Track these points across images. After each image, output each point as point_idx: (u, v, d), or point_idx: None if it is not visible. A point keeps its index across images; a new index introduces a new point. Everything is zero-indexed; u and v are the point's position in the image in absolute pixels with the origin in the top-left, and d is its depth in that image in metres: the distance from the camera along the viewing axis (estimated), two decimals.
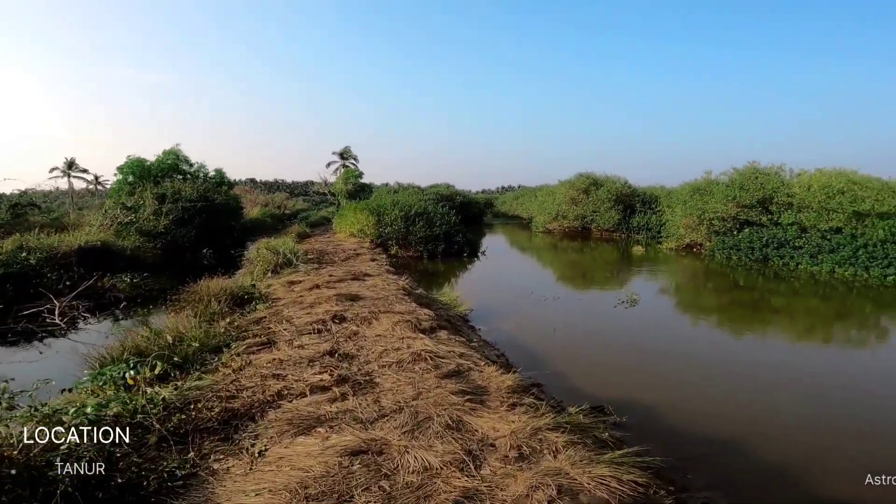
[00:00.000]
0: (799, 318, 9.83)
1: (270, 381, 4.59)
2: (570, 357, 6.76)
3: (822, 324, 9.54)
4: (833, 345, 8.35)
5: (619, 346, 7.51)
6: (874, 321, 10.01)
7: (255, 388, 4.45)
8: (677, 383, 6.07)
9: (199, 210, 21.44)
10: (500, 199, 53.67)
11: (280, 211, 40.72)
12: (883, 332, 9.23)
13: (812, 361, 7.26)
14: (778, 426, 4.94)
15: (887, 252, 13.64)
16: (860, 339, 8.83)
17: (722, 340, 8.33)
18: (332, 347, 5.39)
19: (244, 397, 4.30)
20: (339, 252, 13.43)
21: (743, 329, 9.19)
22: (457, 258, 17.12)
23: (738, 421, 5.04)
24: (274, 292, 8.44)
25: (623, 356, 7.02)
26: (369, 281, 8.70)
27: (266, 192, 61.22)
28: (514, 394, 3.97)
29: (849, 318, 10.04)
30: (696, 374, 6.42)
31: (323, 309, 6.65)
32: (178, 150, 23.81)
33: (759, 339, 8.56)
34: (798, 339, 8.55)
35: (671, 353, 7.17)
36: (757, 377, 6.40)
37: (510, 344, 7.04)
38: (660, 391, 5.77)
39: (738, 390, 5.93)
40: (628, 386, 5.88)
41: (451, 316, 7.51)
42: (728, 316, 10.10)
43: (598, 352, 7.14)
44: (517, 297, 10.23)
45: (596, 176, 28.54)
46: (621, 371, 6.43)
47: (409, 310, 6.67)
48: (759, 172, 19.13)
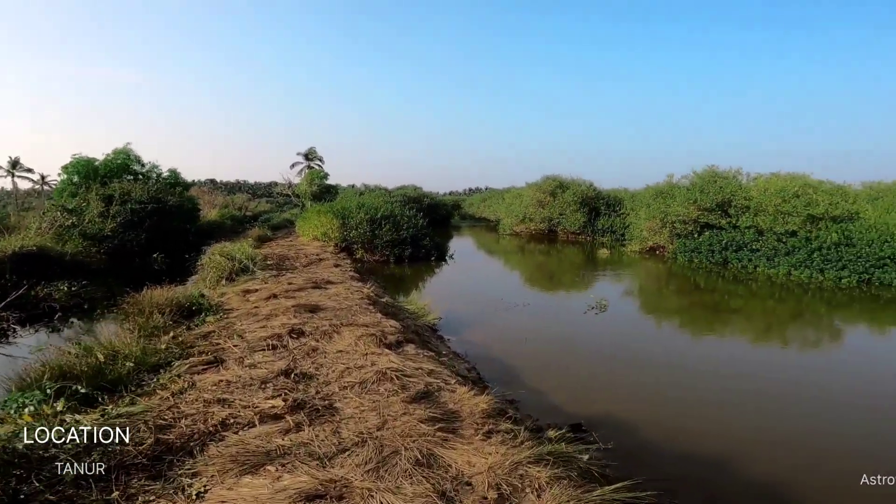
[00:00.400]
0: (756, 320, 10.00)
1: (215, 407, 4.07)
2: (542, 369, 6.50)
3: (778, 326, 9.72)
4: (794, 348, 8.48)
5: (591, 355, 7.33)
6: (843, 326, 10.31)
7: (196, 416, 3.92)
8: (651, 394, 5.91)
9: (149, 212, 20.30)
10: (467, 201, 53.69)
11: (241, 213, 39.13)
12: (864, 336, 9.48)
13: (775, 363, 7.30)
14: (760, 435, 4.81)
15: (841, 255, 14.19)
16: (830, 343, 9.02)
17: (688, 346, 8.31)
18: (287, 366, 4.89)
19: (182, 427, 3.77)
20: (301, 257, 12.77)
21: (707, 333, 9.24)
22: (424, 262, 16.73)
23: (715, 432, 4.89)
24: (227, 302, 7.81)
25: (595, 366, 6.84)
26: (332, 289, 8.17)
27: (227, 194, 59.02)
28: (489, 418, 3.62)
29: (809, 322, 10.29)
30: (668, 383, 6.29)
31: (279, 322, 6.11)
32: (129, 150, 22.64)
33: (722, 342, 8.60)
34: (756, 342, 8.65)
35: (642, 362, 7.04)
36: (728, 384, 6.33)
37: (481, 356, 6.71)
38: (634, 403, 5.59)
39: (712, 399, 5.83)
40: (603, 399, 5.67)
41: (418, 326, 7.12)
42: (691, 319, 10.18)
43: (570, 362, 6.92)
44: (486, 304, 9.95)
45: (562, 178, 28.82)
46: (595, 382, 6.22)
47: (374, 321, 6.23)
48: (717, 176, 19.68)
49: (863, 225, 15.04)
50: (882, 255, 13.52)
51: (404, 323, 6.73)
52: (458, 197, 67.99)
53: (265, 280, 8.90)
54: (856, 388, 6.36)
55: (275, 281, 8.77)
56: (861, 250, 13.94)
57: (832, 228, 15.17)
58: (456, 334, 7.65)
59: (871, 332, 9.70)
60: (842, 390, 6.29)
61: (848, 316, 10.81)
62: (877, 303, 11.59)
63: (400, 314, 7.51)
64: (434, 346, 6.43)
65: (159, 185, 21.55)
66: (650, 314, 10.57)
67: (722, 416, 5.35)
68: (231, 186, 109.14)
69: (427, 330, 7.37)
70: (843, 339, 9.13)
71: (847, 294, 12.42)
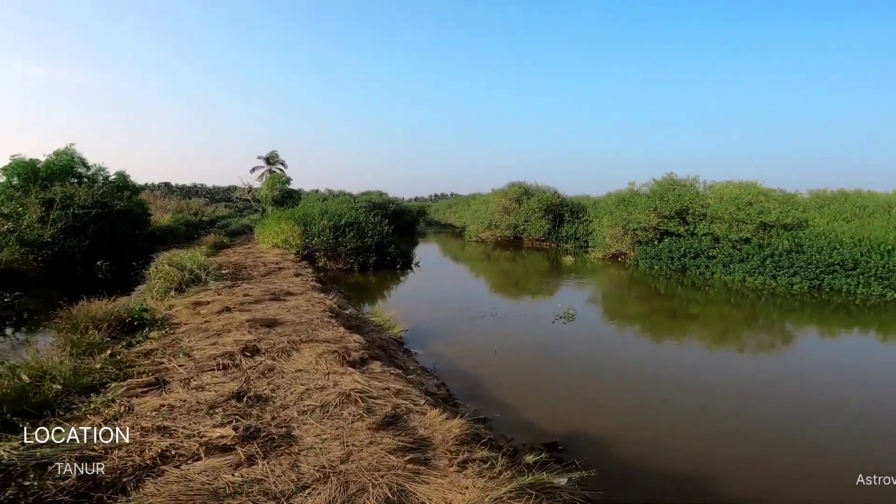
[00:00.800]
0: (713, 325, 10.24)
1: (153, 436, 3.61)
2: (513, 383, 6.30)
3: (734, 330, 9.98)
4: (760, 355, 8.67)
5: (561, 366, 7.18)
6: (797, 331, 10.68)
7: (131, 447, 3.47)
8: (623, 406, 5.82)
9: (93, 217, 19.08)
10: (433, 207, 53.47)
11: (196, 218, 37.28)
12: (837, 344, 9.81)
13: (738, 368, 7.41)
14: (735, 446, 4.76)
15: (792, 262, 14.82)
16: (788, 349, 9.29)
17: (655, 355, 8.31)
18: (240, 388, 4.45)
19: (115, 458, 3.31)
20: (260, 266, 12.12)
21: (670, 339, 9.35)
22: (390, 270, 16.34)
23: (691, 447, 4.81)
24: (175, 316, 7.20)
25: (566, 379, 6.70)
26: (291, 301, 7.69)
27: (182, 198, 56.37)
28: (463, 445, 3.35)
29: (761, 327, 10.62)
30: (639, 394, 6.22)
31: (232, 338, 5.62)
32: (73, 150, 21.32)
33: (686, 349, 8.70)
34: (712, 347, 8.82)
35: (611, 373, 6.98)
36: (698, 392, 6.34)
37: (450, 370, 6.45)
38: (607, 417, 5.48)
39: (683, 410, 5.78)
40: (575, 413, 5.52)
41: (384, 340, 6.78)
42: (652, 325, 10.30)
43: (541, 375, 6.75)
44: (454, 313, 9.70)
45: (527, 185, 29.08)
46: (566, 396, 6.07)
47: (337, 336, 5.84)
48: (676, 184, 20.29)
49: (812, 232, 15.80)
50: (831, 262, 14.20)
51: (369, 337, 6.38)
52: (424, 203, 67.76)
53: (219, 291, 8.31)
54: (814, 391, 6.50)
55: (229, 292, 8.20)
56: (811, 257, 14.60)
57: (783, 236, 15.86)
58: (423, 347, 7.35)
59: (822, 336, 10.07)
60: (806, 395, 6.42)
61: (799, 321, 11.22)
62: (827, 308, 12.13)
63: (364, 327, 7.15)
64: (401, 362, 6.11)
65: (105, 189, 20.22)
66: (615, 322, 10.62)
67: (694, 426, 5.30)
68: (187, 190, 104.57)
69: (393, 344, 7.04)
70: (796, 344, 9.43)
71: (798, 300, 12.95)
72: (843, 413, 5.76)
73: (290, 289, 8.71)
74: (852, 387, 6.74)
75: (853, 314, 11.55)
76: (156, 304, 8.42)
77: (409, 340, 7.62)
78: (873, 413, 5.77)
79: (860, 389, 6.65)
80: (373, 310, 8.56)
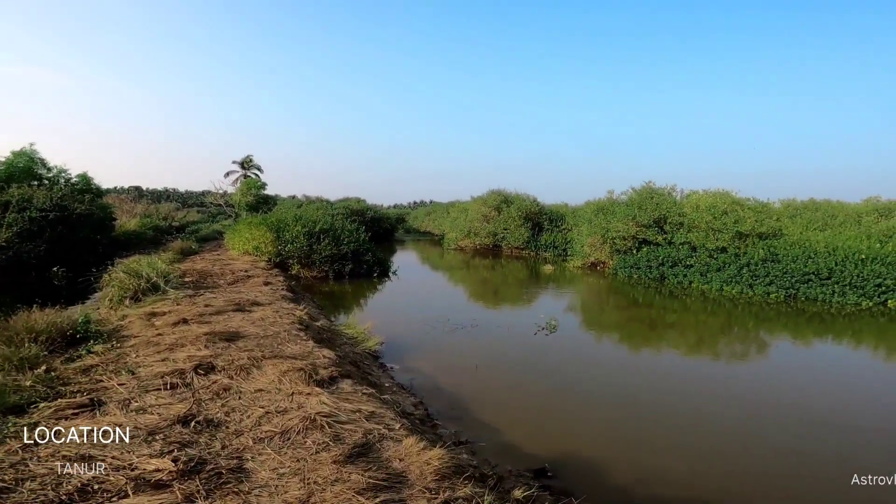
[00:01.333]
0: (690, 334, 10.09)
1: (75, 466, 3.06)
2: (496, 401, 5.89)
3: (709, 340, 9.84)
4: (748, 366, 8.50)
5: (545, 382, 6.80)
6: (777, 341, 10.60)
7: (46, 478, 2.92)
8: (609, 425, 5.48)
9: (51, 221, 18.04)
10: (411, 214, 53.09)
11: (166, 223, 35.88)
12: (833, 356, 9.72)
13: (725, 379, 7.19)
14: (727, 464, 4.45)
15: (768, 271, 14.92)
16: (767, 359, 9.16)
17: (637, 368, 8.04)
18: (188, 411, 3.91)
19: (24, 493, 2.77)
20: (228, 273, 11.43)
21: (652, 351, 9.11)
22: (366, 278, 15.80)
23: (679, 466, 4.48)
24: (127, 327, 6.55)
25: (550, 395, 6.32)
26: (257, 312, 7.10)
27: (153, 202, 54.47)
28: (443, 480, 2.91)
29: (742, 337, 10.52)
30: (624, 411, 5.89)
31: (186, 353, 5.05)
32: (33, 151, 20.33)
33: (668, 360, 8.46)
34: (695, 357, 8.62)
35: (597, 389, 6.66)
36: (682, 406, 6.05)
37: (429, 387, 6.00)
38: (594, 436, 5.13)
39: (669, 425, 5.47)
40: (561, 433, 5.16)
41: (357, 354, 6.29)
42: (632, 335, 10.09)
43: (524, 391, 6.36)
44: (433, 325, 9.24)
45: (507, 193, 28.94)
46: (551, 414, 5.70)
47: (305, 351, 5.33)
48: (654, 192, 20.38)
49: (786, 241, 15.97)
50: (806, 271, 14.33)
51: (341, 351, 5.88)
52: (403, 210, 67.24)
53: (178, 301, 7.66)
54: (807, 404, 6.30)
55: (189, 302, 7.55)
56: (786, 266, 14.72)
57: (759, 245, 15.99)
58: (400, 362, 6.88)
59: (796, 345, 9.98)
60: (798, 408, 6.20)
61: (775, 329, 11.15)
62: (801, 317, 12.15)
63: (337, 340, 6.65)
64: (375, 378, 5.64)
65: (64, 192, 19.15)
66: (597, 333, 10.35)
67: (685, 443, 4.99)
68: (158, 195, 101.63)
69: (367, 358, 6.54)
70: (772, 353, 9.29)
71: (774, 309, 12.98)
72: (831, 424, 5.55)
73: (257, 298, 8.11)
74: (841, 395, 6.57)
75: (827, 323, 11.59)
76: (107, 314, 7.73)
77: (385, 354, 7.14)
78: (860, 422, 5.58)
79: (844, 397, 6.49)
80: (347, 321, 8.04)
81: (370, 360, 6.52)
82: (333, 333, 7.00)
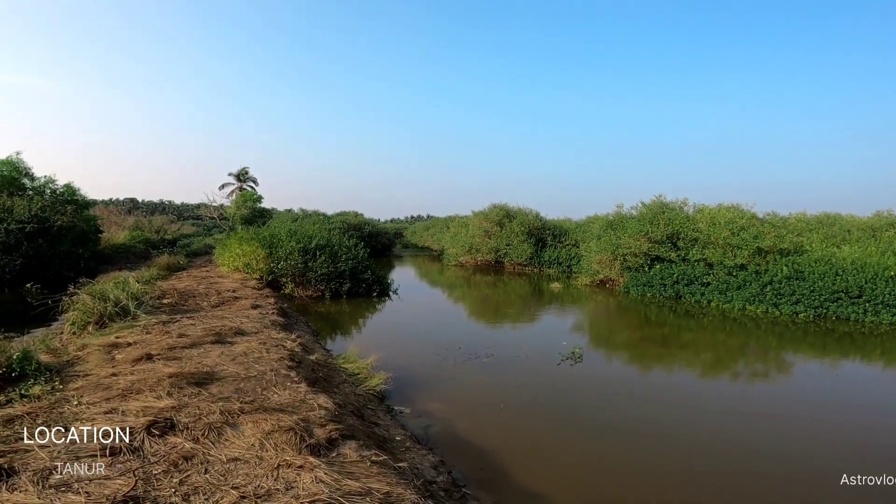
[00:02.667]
0: (732, 358, 9.05)
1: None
2: (534, 452, 4.81)
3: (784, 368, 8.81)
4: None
5: (583, 426, 5.71)
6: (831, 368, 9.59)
7: None
8: (681, 482, 4.40)
9: (28, 234, 16.98)
10: (409, 229, 52.21)
11: (157, 236, 34.69)
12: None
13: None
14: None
15: (794, 289, 13.98)
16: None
17: (691, 407, 6.98)
18: (130, 492, 2.84)
19: None
20: (213, 294, 10.31)
21: (700, 385, 8.04)
22: (365, 297, 14.70)
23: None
24: (83, 361, 5.46)
25: (590, 443, 5.24)
26: (240, 345, 5.98)
27: (147, 214, 53.36)
28: None
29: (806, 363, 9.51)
30: (684, 462, 4.84)
31: (141, 403, 3.95)
32: (18, 160, 19.43)
33: (712, 387, 7.41)
34: (747, 381, 7.57)
35: (646, 431, 5.59)
36: (763, 450, 5.00)
37: (448, 437, 4.92)
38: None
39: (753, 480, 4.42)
40: (628, 493, 4.08)
41: (360, 397, 5.21)
42: (677, 367, 9.01)
43: (565, 438, 5.27)
44: (443, 355, 8.10)
45: (509, 208, 28.08)
46: (600, 472, 4.62)
47: (296, 399, 4.26)
48: (665, 207, 19.54)
49: (810, 258, 15.09)
50: (835, 290, 13.43)
51: (341, 395, 4.81)
52: (401, 224, 66.43)
53: (148, 329, 6.56)
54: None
55: (161, 331, 6.45)
56: (813, 284, 13.81)
57: (781, 262, 15.09)
58: (410, 403, 5.78)
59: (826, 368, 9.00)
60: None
61: (812, 355, 10.17)
62: (831, 337, 11.21)
63: (334, 378, 5.57)
64: (384, 430, 4.56)
65: (44, 203, 18.09)
66: (627, 361, 9.24)
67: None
68: (153, 206, 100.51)
69: (372, 400, 5.45)
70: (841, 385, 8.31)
71: (801, 328, 12.03)
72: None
73: (242, 326, 7.01)
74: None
75: (858, 342, 10.67)
76: (68, 342, 6.63)
77: (393, 393, 6.03)
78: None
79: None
80: (346, 352, 6.92)
81: (375, 403, 5.43)
82: (331, 370, 5.91)
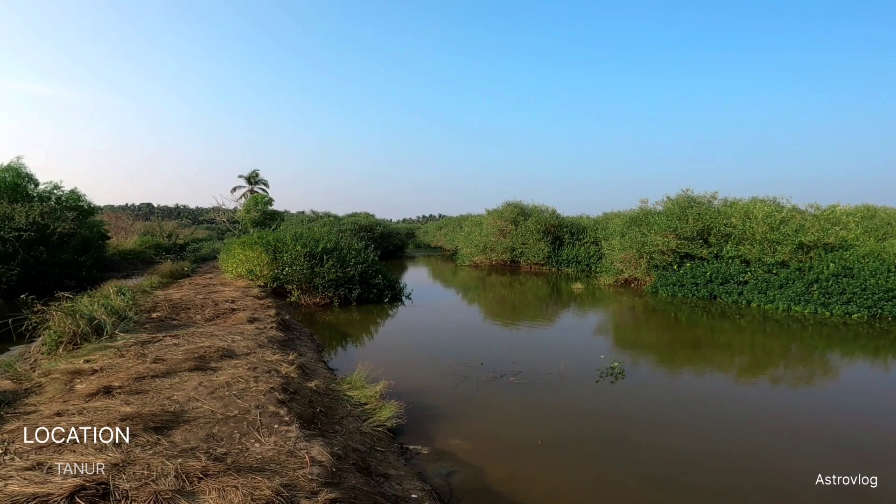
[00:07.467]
0: (796, 369, 7.89)
1: None
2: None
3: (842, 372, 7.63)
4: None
5: (640, 467, 4.66)
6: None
7: None
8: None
9: (25, 242, 16.41)
10: (422, 229, 51.34)
11: (169, 241, 34.26)
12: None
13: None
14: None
15: (843, 288, 12.70)
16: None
17: (765, 427, 5.85)
18: None
19: None
20: (209, 305, 9.43)
21: (756, 395, 6.90)
22: (376, 303, 13.76)
23: None
24: (42, 391, 4.58)
25: (655, 492, 4.21)
26: (225, 371, 4.99)
27: (161, 219, 53.33)
28: None
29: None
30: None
31: (75, 457, 3.02)
32: (20, 166, 19.00)
33: (786, 404, 6.28)
34: (820, 388, 6.42)
35: (716, 467, 4.52)
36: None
37: (477, 490, 3.90)
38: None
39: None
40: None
41: (366, 438, 4.23)
42: (735, 378, 7.88)
43: (620, 488, 4.23)
44: (463, 374, 7.04)
45: (524, 205, 26.99)
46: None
47: (283, 449, 3.30)
48: (693, 201, 18.31)
49: (857, 253, 13.77)
50: (889, 287, 12.14)
51: (342, 438, 3.84)
52: (413, 224, 65.61)
53: (123, 350, 5.66)
54: None
55: (136, 353, 5.54)
56: (865, 281, 12.52)
57: (826, 258, 13.80)
58: (428, 439, 4.76)
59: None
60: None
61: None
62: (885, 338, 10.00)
63: (337, 410, 4.60)
64: (395, 485, 3.55)
65: (43, 209, 17.51)
66: (673, 375, 8.08)
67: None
68: (169, 211, 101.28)
69: (382, 439, 4.46)
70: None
71: (853, 330, 10.83)
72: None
73: (232, 345, 6.07)
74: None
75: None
76: (32, 366, 5.79)
77: (407, 426, 5.03)
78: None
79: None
80: (352, 376, 5.91)
81: (385, 443, 4.43)
82: (333, 399, 4.94)
